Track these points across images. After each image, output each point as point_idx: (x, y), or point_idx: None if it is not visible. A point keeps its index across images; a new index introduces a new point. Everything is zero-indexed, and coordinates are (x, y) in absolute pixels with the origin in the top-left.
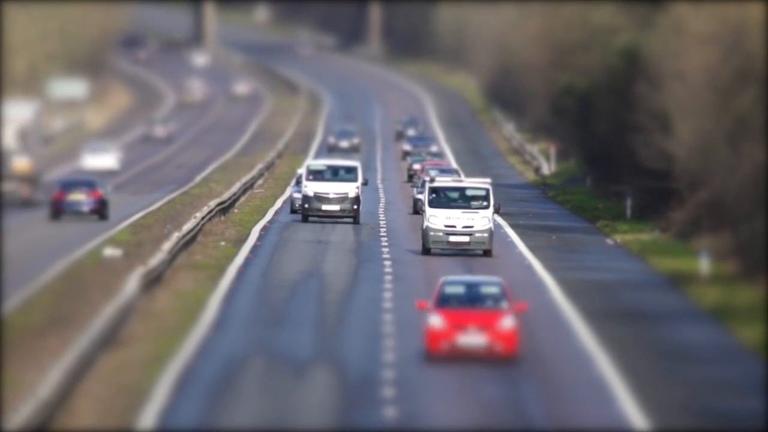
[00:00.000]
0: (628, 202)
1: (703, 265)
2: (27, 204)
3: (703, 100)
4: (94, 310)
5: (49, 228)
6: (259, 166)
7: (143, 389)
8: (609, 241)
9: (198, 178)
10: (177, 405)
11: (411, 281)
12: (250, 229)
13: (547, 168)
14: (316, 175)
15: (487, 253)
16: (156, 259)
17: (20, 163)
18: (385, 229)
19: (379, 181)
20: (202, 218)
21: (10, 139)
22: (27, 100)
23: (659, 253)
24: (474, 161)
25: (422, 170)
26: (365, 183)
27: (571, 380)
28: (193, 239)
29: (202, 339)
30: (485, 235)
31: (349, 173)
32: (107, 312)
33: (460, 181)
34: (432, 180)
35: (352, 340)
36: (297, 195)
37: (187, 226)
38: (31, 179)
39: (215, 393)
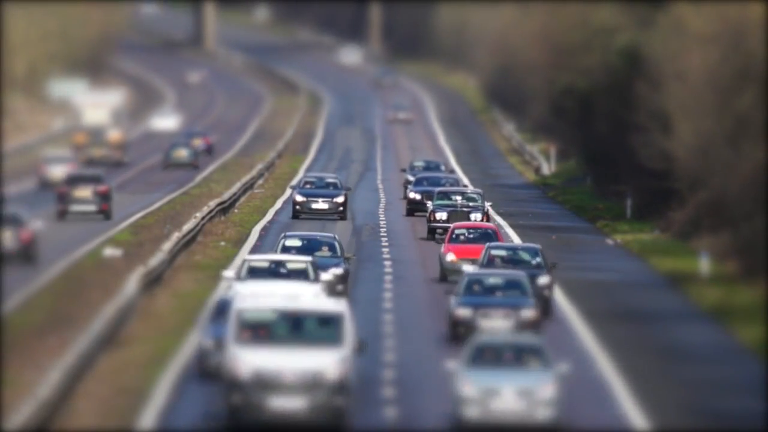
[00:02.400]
0: (628, 202)
1: (703, 265)
2: (118, 165)
3: (703, 100)
4: (94, 310)
5: (49, 228)
6: (259, 166)
7: (143, 389)
8: (609, 241)
9: (198, 178)
10: (177, 405)
11: (411, 282)
12: (251, 229)
13: (547, 168)
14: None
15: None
16: (156, 259)
17: (114, 134)
18: (385, 230)
19: (379, 182)
20: (202, 218)
21: (105, 118)
22: (115, 89)
23: (659, 253)
24: (474, 161)
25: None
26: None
27: (571, 380)
28: (193, 239)
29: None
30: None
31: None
32: (107, 312)
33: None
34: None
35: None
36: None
37: (187, 226)
38: (122, 147)
39: (215, 393)
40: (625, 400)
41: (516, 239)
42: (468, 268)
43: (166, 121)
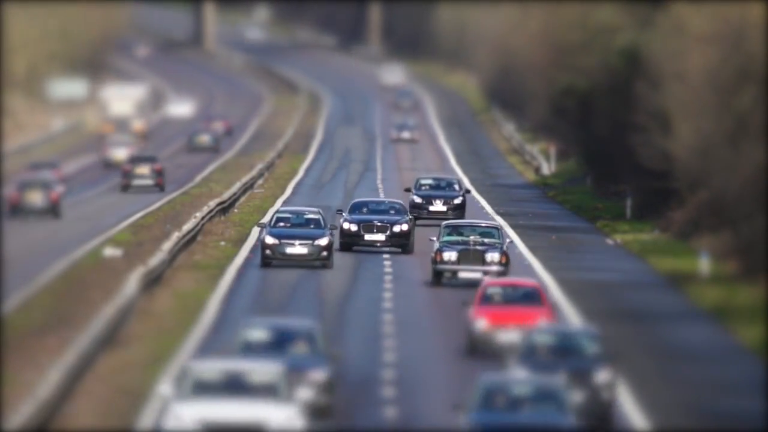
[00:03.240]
0: (628, 202)
1: (703, 265)
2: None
3: (703, 100)
4: (94, 310)
5: (49, 228)
6: (259, 166)
7: (143, 389)
8: (609, 241)
9: (198, 178)
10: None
11: (411, 281)
12: (251, 229)
13: (547, 168)
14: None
15: None
16: (156, 259)
17: (138, 124)
18: None
19: (379, 182)
20: (202, 218)
21: (130, 109)
22: (139, 83)
23: (659, 253)
24: (474, 161)
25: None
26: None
27: None
28: (193, 239)
29: (202, 339)
30: None
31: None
32: (107, 312)
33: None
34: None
35: (352, 340)
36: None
37: (187, 226)
38: (145, 135)
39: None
40: (625, 400)
41: (516, 239)
42: (508, 336)
43: (181, 108)
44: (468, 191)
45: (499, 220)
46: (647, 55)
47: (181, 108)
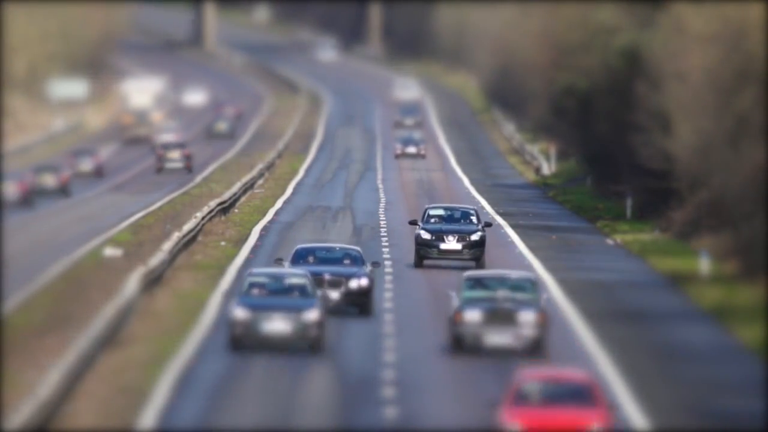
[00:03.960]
0: (628, 202)
1: (703, 265)
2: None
3: (703, 100)
4: (94, 310)
5: (49, 228)
6: (260, 166)
7: (143, 389)
8: (609, 241)
9: (198, 178)
10: (177, 405)
11: (411, 281)
12: (251, 229)
13: (547, 168)
14: None
15: None
16: (156, 259)
17: (156, 115)
18: (385, 230)
19: (379, 182)
20: (203, 218)
21: (149, 101)
22: (157, 77)
23: (659, 253)
24: (474, 161)
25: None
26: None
27: None
28: (193, 239)
29: (202, 339)
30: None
31: None
32: (107, 312)
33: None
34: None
35: (352, 340)
36: None
37: (187, 226)
38: (162, 126)
39: (215, 393)
40: (625, 400)
41: (516, 239)
42: None
43: (195, 96)
44: (489, 224)
45: (499, 220)
46: (647, 56)
47: (195, 96)
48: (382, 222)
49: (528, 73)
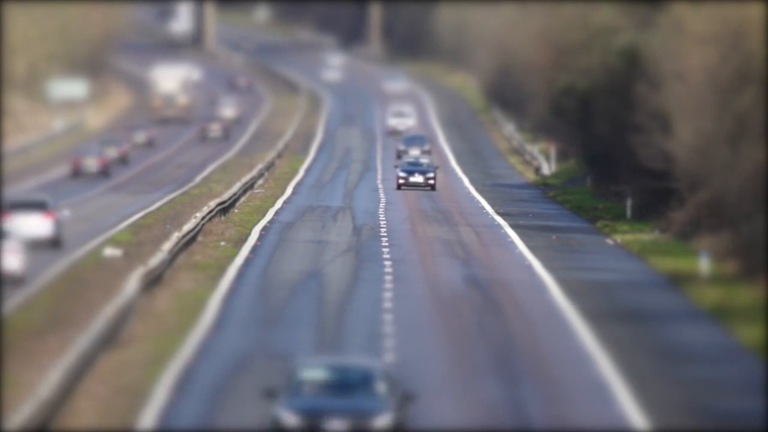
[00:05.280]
0: (628, 202)
1: (703, 265)
2: (185, 122)
3: (703, 100)
4: (94, 310)
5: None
6: (260, 166)
7: (143, 389)
8: (609, 241)
9: (198, 178)
10: (177, 405)
11: (411, 281)
12: (251, 229)
13: (547, 168)
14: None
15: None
16: (156, 259)
17: (182, 99)
18: (385, 230)
19: (379, 182)
20: (202, 218)
21: (176, 86)
22: (185, 64)
23: (659, 253)
24: (474, 161)
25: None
26: None
27: (571, 380)
28: (193, 239)
29: (202, 339)
30: None
31: None
32: (107, 312)
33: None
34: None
35: (352, 340)
36: None
37: (187, 226)
38: (188, 109)
39: (215, 393)
40: (625, 400)
41: (516, 239)
42: None
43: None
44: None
45: (499, 220)
46: (647, 56)
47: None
48: (381, 222)
49: (528, 73)
